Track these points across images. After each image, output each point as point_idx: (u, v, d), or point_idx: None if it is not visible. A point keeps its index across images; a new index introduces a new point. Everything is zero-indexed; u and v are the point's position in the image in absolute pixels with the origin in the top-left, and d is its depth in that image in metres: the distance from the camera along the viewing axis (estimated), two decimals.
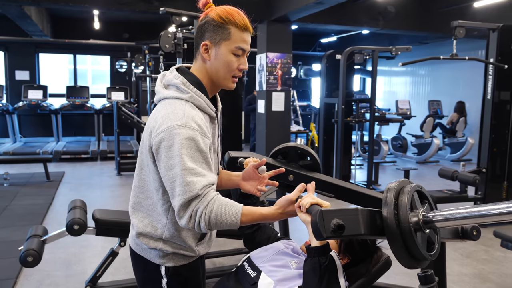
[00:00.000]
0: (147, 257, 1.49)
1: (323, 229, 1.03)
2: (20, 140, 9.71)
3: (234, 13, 1.40)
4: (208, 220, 1.29)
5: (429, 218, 1.13)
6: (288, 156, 1.92)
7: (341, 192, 1.82)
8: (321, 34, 11.06)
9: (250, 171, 1.59)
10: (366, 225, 1.11)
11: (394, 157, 9.69)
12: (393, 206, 1.11)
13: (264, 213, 1.31)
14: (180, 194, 1.29)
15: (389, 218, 1.10)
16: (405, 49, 5.63)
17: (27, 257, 2.58)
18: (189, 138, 1.29)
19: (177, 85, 1.40)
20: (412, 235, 1.08)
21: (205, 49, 1.40)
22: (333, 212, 1.06)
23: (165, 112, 1.34)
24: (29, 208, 5.18)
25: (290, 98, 6.99)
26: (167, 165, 1.30)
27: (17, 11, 6.57)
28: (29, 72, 10.18)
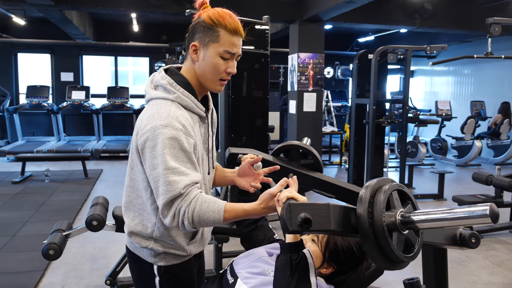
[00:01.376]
0: (140, 256, 1.51)
1: (289, 222, 1.01)
2: (64, 139, 10.15)
3: (225, 15, 1.39)
4: (192, 218, 1.30)
5: (408, 219, 1.08)
6: (290, 154, 1.90)
7: (342, 193, 1.78)
8: (358, 33, 10.86)
9: (246, 168, 1.58)
10: (336, 221, 1.08)
11: (433, 159, 9.37)
12: (367, 204, 1.07)
13: (247, 209, 1.31)
14: (163, 193, 1.30)
15: (363, 216, 1.06)
16: (440, 47, 5.42)
17: (48, 250, 2.71)
18: (172, 138, 1.30)
19: (164, 86, 1.41)
20: (385, 234, 1.04)
21: (194, 49, 1.41)
22: (302, 205, 1.04)
23: (150, 113, 1.36)
24: (65, 203, 5.42)
25: (321, 99, 6.91)
26: (151, 164, 1.32)
27: (58, 16, 6.89)
28: (73, 73, 10.63)
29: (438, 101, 9.32)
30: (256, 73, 4.71)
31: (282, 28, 8.33)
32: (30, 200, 5.51)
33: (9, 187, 6.23)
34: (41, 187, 6.30)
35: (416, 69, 12.72)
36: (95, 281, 3.31)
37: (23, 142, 9.70)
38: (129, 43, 9.81)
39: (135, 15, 7.67)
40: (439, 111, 9.03)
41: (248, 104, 4.73)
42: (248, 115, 4.75)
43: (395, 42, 9.37)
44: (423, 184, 6.97)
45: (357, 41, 11.27)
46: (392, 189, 1.11)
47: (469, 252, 4.03)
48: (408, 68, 5.55)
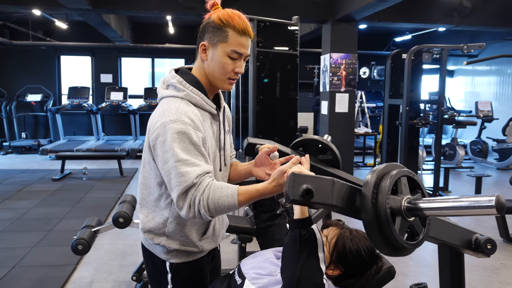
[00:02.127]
0: (154, 252, 1.55)
1: (291, 191, 1.01)
2: (103, 138, 10.49)
3: (234, 16, 1.42)
4: (207, 206, 1.30)
5: (415, 205, 1.05)
6: (308, 148, 1.88)
7: None
8: (395, 32, 10.63)
9: (262, 157, 1.58)
10: (339, 198, 1.06)
11: (472, 162, 9.03)
12: (373, 186, 1.05)
13: (259, 188, 1.31)
14: (177, 185, 1.32)
15: (366, 197, 1.05)
16: (478, 46, 5.23)
17: (77, 245, 2.81)
18: (180, 132, 1.33)
19: (174, 84, 1.45)
20: (387, 218, 1.02)
21: (203, 49, 1.44)
22: (306, 177, 1.04)
23: (161, 110, 1.40)
24: (100, 201, 5.60)
25: (354, 99, 6.81)
26: (163, 159, 1.35)
27: (97, 19, 7.14)
28: (112, 75, 10.97)
29: (478, 102, 8.98)
30: (286, 73, 4.71)
31: (315, 28, 8.27)
32: (68, 197, 5.74)
33: (49, 184, 6.51)
34: (78, 184, 6.55)
35: (456, 68, 12.30)
36: (123, 276, 3.41)
37: (64, 141, 10.10)
38: (165, 45, 10.02)
39: (170, 17, 7.82)
40: (479, 112, 8.70)
41: (277, 104, 4.73)
42: (277, 116, 4.74)
43: (434, 41, 9.11)
44: (460, 188, 6.74)
45: (393, 41, 11.03)
46: (400, 174, 1.09)
47: (504, 259, 3.86)
48: (444, 68, 5.39)
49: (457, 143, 8.44)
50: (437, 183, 5.67)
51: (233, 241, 4.16)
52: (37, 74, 10.47)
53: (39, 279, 3.33)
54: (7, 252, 3.82)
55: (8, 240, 4.13)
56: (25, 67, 10.43)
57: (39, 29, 9.89)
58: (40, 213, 5.02)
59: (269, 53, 4.59)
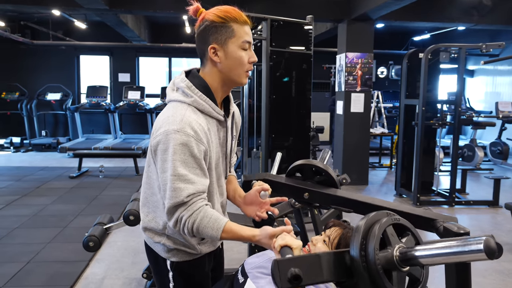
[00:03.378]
0: (155, 250, 1.56)
1: (279, 280, 1.00)
2: (120, 137, 10.62)
3: (230, 10, 1.42)
4: (191, 229, 1.35)
5: (408, 255, 1.04)
6: (304, 173, 1.89)
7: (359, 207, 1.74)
8: (413, 32, 10.48)
9: (253, 195, 1.59)
10: (329, 270, 1.06)
11: (492, 164, 8.84)
12: (359, 246, 1.04)
13: (244, 236, 1.32)
14: (168, 198, 1.35)
15: (356, 260, 1.04)
16: (497, 45, 5.11)
17: (89, 242, 2.86)
18: (183, 144, 1.33)
19: (182, 89, 1.44)
20: (381, 277, 1.01)
21: (213, 52, 1.42)
22: (290, 261, 1.02)
23: (166, 115, 1.40)
24: (116, 198, 5.68)
25: (370, 99, 6.75)
26: (162, 168, 1.37)
27: (114, 19, 7.23)
28: (130, 74, 11.10)
29: (499, 102, 8.78)
30: (300, 73, 4.69)
31: (331, 28, 8.22)
32: (84, 194, 5.83)
33: (66, 181, 6.63)
34: (95, 182, 6.65)
35: (476, 68, 12.06)
36: (134, 274, 3.44)
37: (83, 140, 10.26)
38: (182, 44, 10.09)
39: (186, 17, 7.87)
40: (500, 113, 8.51)
41: (290, 104, 4.72)
42: (290, 115, 4.73)
43: (453, 40, 8.95)
44: (478, 190, 6.61)
45: (412, 40, 10.87)
46: (384, 226, 1.08)
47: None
48: (462, 68, 5.28)
49: (476, 144, 8.27)
50: (453, 185, 5.56)
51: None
52: (57, 74, 10.67)
53: (53, 275, 3.39)
54: (23, 248, 3.90)
55: (24, 236, 4.22)
56: (46, 66, 10.64)
57: (59, 29, 10.08)
58: (56, 209, 5.12)
59: (283, 52, 4.58)
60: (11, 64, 10.51)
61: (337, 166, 6.89)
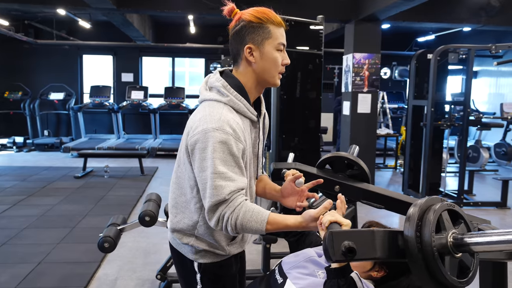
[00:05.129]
0: (181, 252, 1.55)
1: (332, 252, 0.97)
2: (123, 137, 10.59)
3: (267, 11, 1.43)
4: (235, 225, 1.32)
5: (461, 241, 1.02)
6: (335, 165, 1.86)
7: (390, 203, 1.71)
8: (418, 32, 10.47)
9: (288, 187, 1.57)
10: (382, 248, 1.03)
11: (496, 165, 8.84)
12: (415, 227, 1.02)
13: (289, 224, 1.31)
14: (209, 196, 1.33)
15: (410, 241, 1.01)
16: (507, 46, 5.11)
17: (104, 243, 2.83)
18: (222, 142, 1.32)
19: (218, 88, 1.44)
20: (435, 260, 0.99)
21: (249, 52, 1.42)
22: (345, 233, 1.00)
23: (203, 114, 1.39)
24: (122, 199, 5.65)
25: (377, 100, 6.72)
26: (200, 166, 1.35)
27: (120, 19, 7.20)
28: (133, 74, 11.07)
29: (503, 104, 8.77)
30: (310, 73, 4.66)
31: (337, 28, 8.20)
32: (90, 195, 5.80)
33: (72, 181, 6.59)
34: (100, 182, 6.62)
35: (480, 69, 12.06)
36: (147, 275, 3.42)
37: (86, 139, 10.22)
38: (185, 44, 10.07)
39: (192, 17, 7.85)
40: (505, 114, 8.49)
41: (300, 104, 4.69)
42: (301, 116, 4.70)
43: (458, 41, 8.92)
44: (484, 191, 6.60)
45: (416, 41, 10.87)
46: (442, 209, 1.05)
47: None
48: (471, 69, 5.27)
49: (481, 146, 8.26)
50: (461, 186, 5.55)
51: (255, 241, 4.14)
52: (60, 73, 10.63)
53: (65, 276, 3.36)
54: (33, 248, 3.87)
55: (34, 236, 4.19)
56: (49, 66, 10.60)
57: (63, 29, 10.05)
58: (63, 210, 5.09)
59: (293, 52, 4.56)
60: (14, 63, 10.47)
61: None
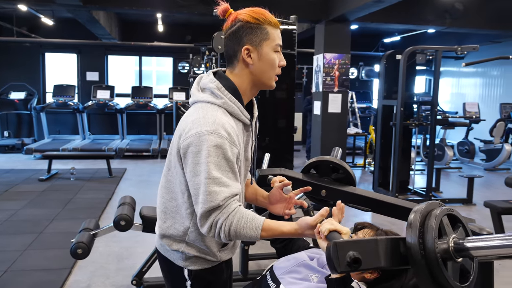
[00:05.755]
0: (170, 259, 1.49)
1: (337, 263, 0.96)
2: (89, 137, 10.29)
3: (264, 12, 1.40)
4: (228, 232, 1.29)
5: (462, 246, 1.03)
6: (320, 170, 1.86)
7: (377, 206, 1.72)
8: (384, 33, 10.70)
9: (276, 193, 1.55)
10: (386, 257, 1.03)
11: (459, 163, 9.15)
12: (417, 233, 1.02)
13: (284, 231, 1.29)
14: (202, 202, 1.29)
15: (413, 247, 1.01)
16: (471, 48, 5.27)
17: (77, 249, 2.71)
18: (217, 146, 1.28)
19: (211, 90, 1.39)
20: (439, 266, 0.99)
21: (247, 53, 1.39)
22: (349, 244, 0.99)
23: (196, 116, 1.34)
24: (91, 202, 5.47)
25: (347, 100, 6.81)
26: (193, 170, 1.31)
27: (86, 16, 6.98)
28: (98, 73, 10.78)
29: (466, 103, 9.09)
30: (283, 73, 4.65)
31: (307, 29, 8.25)
32: (57, 198, 5.58)
33: (36, 184, 6.34)
34: (66, 185, 6.39)
35: (443, 70, 12.46)
36: (121, 280, 3.32)
37: (49, 140, 9.87)
38: (153, 43, 9.89)
39: (160, 15, 7.71)
40: (467, 113, 8.81)
41: (274, 105, 4.69)
42: (274, 116, 4.70)
43: (422, 42, 9.18)
44: (450, 188, 6.80)
45: (382, 42, 11.10)
46: (442, 214, 1.06)
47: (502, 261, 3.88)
48: (438, 69, 5.41)
49: (445, 144, 8.53)
50: (430, 183, 5.69)
51: None
52: (21, 72, 10.21)
53: (34, 284, 3.20)
54: None
55: None
56: (8, 64, 10.17)
57: (24, 25, 9.64)
58: (29, 214, 4.87)
59: None
60: None
61: None
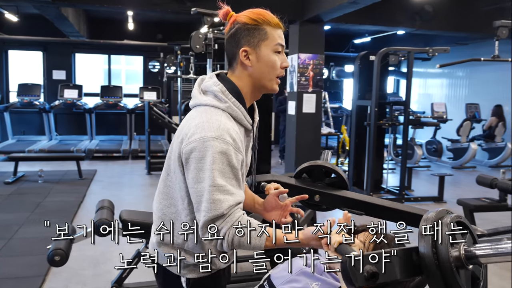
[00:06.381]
0: (167, 267, 1.44)
1: (355, 278, 0.96)
2: (56, 138, 9.97)
3: (263, 13, 1.37)
4: (231, 242, 1.25)
5: (472, 254, 1.03)
6: (313, 174, 1.85)
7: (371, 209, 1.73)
8: (354, 34, 10.85)
9: (272, 201, 1.52)
10: (402, 269, 1.03)
11: (428, 161, 9.39)
12: (431, 243, 1.02)
13: (289, 240, 1.26)
14: (205, 210, 1.24)
15: (427, 258, 1.01)
16: (442, 50, 5.41)
17: (54, 256, 2.60)
18: (222, 152, 1.24)
19: (215, 93, 1.34)
20: (454, 275, 0.99)
21: (245, 55, 1.35)
22: (365, 258, 0.99)
23: (199, 121, 1.29)
24: (61, 205, 5.29)
25: (321, 100, 6.87)
26: (196, 177, 1.26)
27: (55, 13, 6.74)
28: (65, 71, 10.46)
29: (434, 103, 9.35)
30: None
31: None
32: (25, 201, 5.37)
33: (1, 187, 6.07)
34: (35, 187, 6.16)
35: None
36: (99, 286, 3.21)
37: (13, 141, 9.50)
38: (123, 41, 9.68)
39: (131, 13, 7.55)
40: (435, 113, 9.05)
41: None
42: None
43: (392, 43, 9.38)
44: (420, 186, 6.97)
45: (353, 42, 11.26)
46: (453, 221, 1.06)
47: None
48: (411, 70, 5.54)
49: (415, 143, 8.73)
50: (403, 182, 5.82)
51: None
52: None
53: None
54: None
55: None
56: None
57: None
58: None
59: None
60: None
61: (290, 166, 6.95)
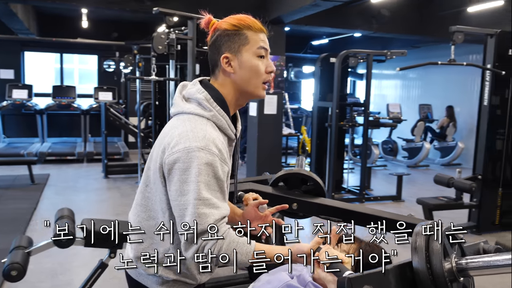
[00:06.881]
0: (144, 283, 1.36)
1: None
2: (4, 141, 9.45)
3: (244, 18, 1.34)
4: (216, 257, 1.20)
5: (464, 266, 1.04)
6: (289, 182, 1.83)
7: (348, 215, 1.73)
8: (312, 36, 10.99)
9: (251, 211, 1.49)
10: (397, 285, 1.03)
11: (384, 161, 9.66)
12: (424, 258, 1.02)
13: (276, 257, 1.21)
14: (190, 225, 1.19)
15: (422, 273, 1.01)
16: (400, 53, 5.57)
17: (11, 271, 2.42)
18: (208, 164, 1.18)
19: (199, 100, 1.28)
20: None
21: (226, 62, 1.30)
22: (362, 278, 0.98)
23: (183, 129, 1.23)
24: (13, 213, 5.00)
25: (282, 101, 6.89)
26: (180, 189, 1.19)
27: (3, 8, 6.35)
28: (13, 70, 9.93)
29: (389, 104, 9.63)
30: None
31: None
32: None
33: None
34: None
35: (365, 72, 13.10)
36: None
37: None
38: (77, 39, 9.30)
39: (86, 10, 7.25)
40: (391, 114, 9.32)
41: None
42: None
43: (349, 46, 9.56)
44: (378, 186, 7.14)
45: (311, 44, 11.40)
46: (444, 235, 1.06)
47: None
48: (370, 72, 5.66)
49: (372, 143, 8.95)
50: (363, 182, 5.94)
51: None
52: None
53: None
54: None
55: None
56: None
57: None
58: None
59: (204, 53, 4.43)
60: None
61: (251, 167, 6.92)
